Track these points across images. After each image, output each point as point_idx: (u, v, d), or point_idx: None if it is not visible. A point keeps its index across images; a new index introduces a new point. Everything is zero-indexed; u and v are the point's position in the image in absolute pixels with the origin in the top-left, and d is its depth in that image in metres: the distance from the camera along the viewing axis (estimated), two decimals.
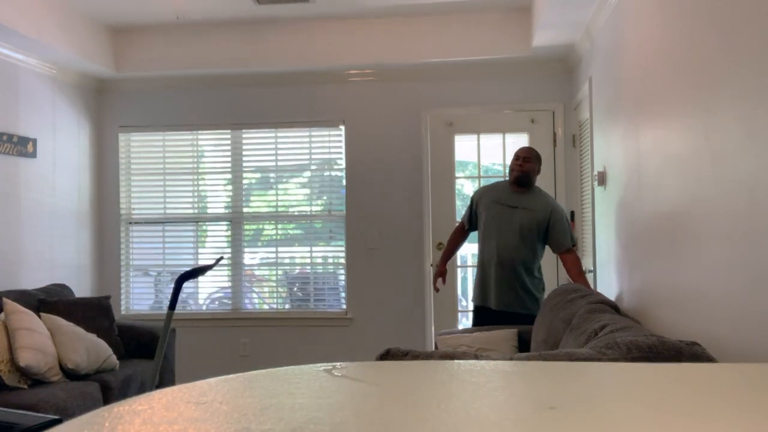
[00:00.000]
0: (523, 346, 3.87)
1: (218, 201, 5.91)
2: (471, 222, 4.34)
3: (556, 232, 4.04)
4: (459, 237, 4.45)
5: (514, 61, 5.40)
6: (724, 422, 0.82)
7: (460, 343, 3.91)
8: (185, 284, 5.98)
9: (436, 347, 4.12)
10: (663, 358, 1.84)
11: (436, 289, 4.52)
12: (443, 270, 4.44)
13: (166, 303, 6.01)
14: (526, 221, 4.04)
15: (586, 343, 2.48)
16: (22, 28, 4.44)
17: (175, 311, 5.86)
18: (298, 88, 5.71)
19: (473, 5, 5.12)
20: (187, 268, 5.95)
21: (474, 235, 4.45)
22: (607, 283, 4.11)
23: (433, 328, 5.51)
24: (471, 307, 4.44)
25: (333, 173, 5.78)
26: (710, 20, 2.31)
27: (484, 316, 4.17)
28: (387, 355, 1.96)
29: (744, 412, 0.87)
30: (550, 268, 5.22)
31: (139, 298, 5.97)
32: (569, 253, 4.07)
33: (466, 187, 6.61)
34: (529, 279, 4.11)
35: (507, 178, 4.28)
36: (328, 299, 5.81)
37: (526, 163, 4.10)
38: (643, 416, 0.84)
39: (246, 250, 5.88)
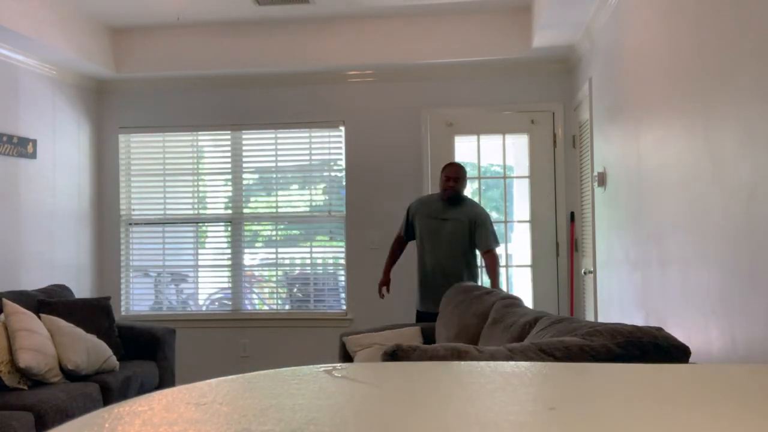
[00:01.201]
0: (427, 341, 4.06)
1: (218, 202, 5.91)
2: (408, 232, 4.73)
3: (479, 235, 4.51)
4: (398, 247, 4.83)
5: (514, 62, 5.40)
6: (725, 423, 0.82)
7: (373, 341, 4.10)
8: (185, 285, 6.00)
9: (344, 348, 4.23)
10: (643, 342, 1.91)
11: (381, 296, 4.83)
12: (387, 279, 4.81)
13: (166, 304, 6.02)
14: (458, 230, 4.52)
15: (523, 334, 2.68)
16: (22, 28, 4.44)
17: (175, 312, 5.90)
18: (298, 89, 5.71)
19: (473, 6, 5.12)
20: (188, 269, 5.97)
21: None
22: (607, 283, 4.11)
23: None
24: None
25: (333, 174, 5.78)
26: (710, 21, 2.31)
27: (427, 320, 4.36)
28: (395, 353, 1.95)
29: (744, 413, 0.86)
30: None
31: (139, 299, 5.97)
32: (488, 253, 4.52)
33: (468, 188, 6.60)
34: (467, 272, 4.53)
35: (439, 192, 4.68)
36: (328, 300, 5.81)
37: (457, 183, 4.56)
38: (643, 417, 0.84)
39: (246, 250, 5.88)
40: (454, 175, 4.59)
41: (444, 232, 4.55)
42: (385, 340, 4.04)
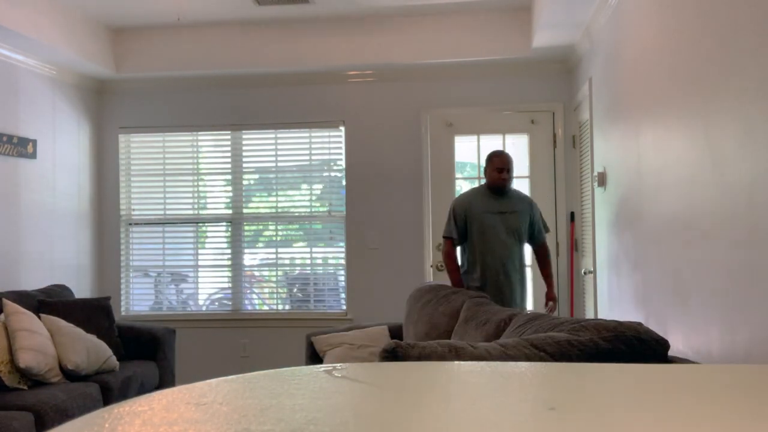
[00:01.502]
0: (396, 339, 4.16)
1: (218, 202, 5.91)
2: (461, 235, 4.25)
3: (538, 227, 4.31)
4: (455, 253, 4.32)
5: (514, 62, 5.40)
6: (725, 423, 0.82)
7: (342, 341, 4.17)
8: (185, 285, 6.00)
9: (311, 348, 4.27)
10: (627, 336, 2.03)
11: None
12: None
13: (166, 304, 6.02)
14: (520, 222, 4.23)
15: (498, 331, 2.92)
16: (22, 28, 4.44)
17: (175, 312, 5.90)
18: (298, 89, 5.71)
19: (473, 6, 5.12)
20: (188, 269, 5.97)
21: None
22: (607, 283, 4.11)
23: None
24: None
25: (333, 174, 5.78)
26: (710, 20, 2.31)
27: None
28: (393, 350, 1.98)
29: (744, 414, 0.86)
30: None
31: (139, 299, 5.97)
32: (544, 245, 4.37)
33: (464, 188, 6.60)
34: (521, 268, 4.31)
35: (482, 183, 4.40)
36: (328, 300, 5.80)
37: (509, 174, 4.23)
38: (643, 417, 0.84)
39: (246, 251, 5.88)
40: (506, 165, 4.23)
41: (506, 227, 4.20)
42: (353, 340, 4.14)
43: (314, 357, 4.24)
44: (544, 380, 1.07)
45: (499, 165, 4.22)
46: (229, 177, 5.86)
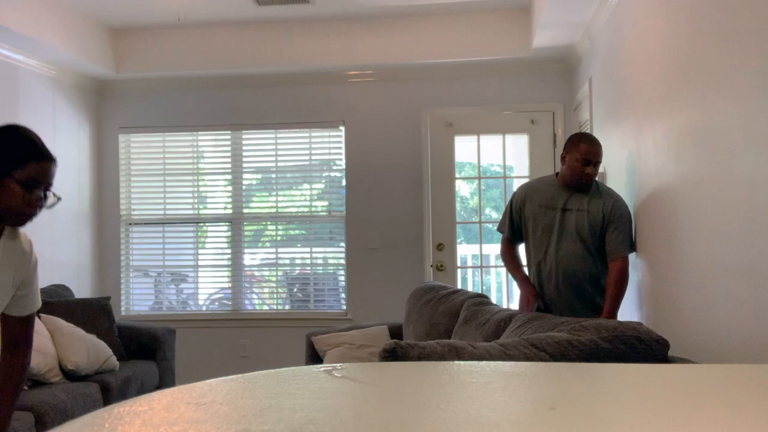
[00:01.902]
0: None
1: (218, 202, 5.91)
2: (514, 232, 3.52)
3: (611, 235, 3.25)
4: (510, 249, 3.58)
5: (514, 62, 5.40)
6: (725, 423, 0.82)
7: (341, 341, 4.16)
8: (185, 285, 6.00)
9: (312, 348, 4.27)
10: (627, 336, 2.05)
11: (540, 308, 3.41)
12: (532, 287, 3.43)
13: (166, 304, 6.02)
14: (585, 224, 3.29)
15: (498, 331, 2.96)
16: (22, 28, 4.44)
17: (175, 312, 5.89)
18: (298, 89, 5.71)
19: (473, 6, 5.12)
20: (188, 269, 5.97)
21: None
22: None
23: None
24: None
25: (333, 174, 5.78)
26: (710, 20, 2.31)
27: None
28: (394, 350, 2.00)
29: (744, 414, 0.86)
30: None
31: (139, 299, 5.97)
32: (615, 261, 3.23)
33: (462, 189, 6.62)
34: (592, 281, 3.32)
35: (555, 174, 3.49)
36: (328, 300, 5.80)
37: (596, 169, 3.30)
38: (643, 417, 0.84)
39: (246, 250, 5.88)
40: (596, 158, 3.27)
41: (566, 227, 3.30)
42: (353, 340, 4.15)
43: (314, 357, 4.25)
44: (544, 380, 1.07)
45: (587, 154, 3.26)
46: (229, 177, 5.86)
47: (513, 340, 2.11)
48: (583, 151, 3.26)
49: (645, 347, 2.03)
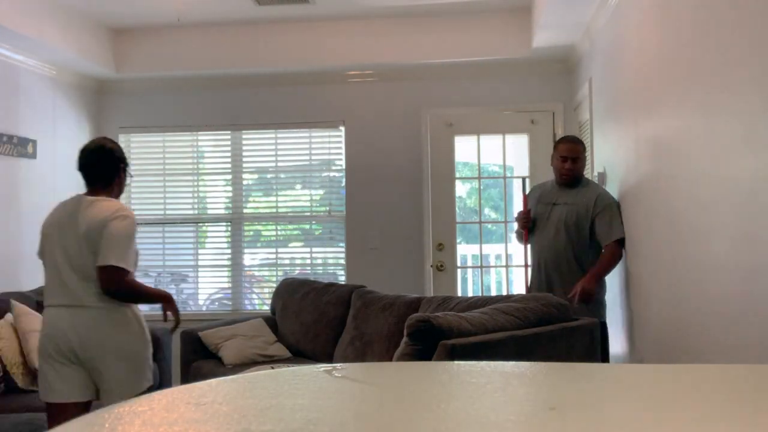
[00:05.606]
0: (273, 330, 4.63)
1: (218, 202, 5.91)
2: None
3: (599, 224, 3.61)
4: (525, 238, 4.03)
5: (514, 62, 5.40)
6: (725, 423, 0.82)
7: (233, 333, 4.45)
8: (185, 285, 5.99)
9: (199, 342, 4.48)
10: (551, 303, 3.08)
11: (525, 226, 3.93)
12: (527, 210, 3.94)
13: None
14: (569, 216, 3.69)
15: (409, 312, 3.57)
16: (22, 28, 4.43)
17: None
18: (298, 89, 5.71)
19: (473, 6, 5.12)
20: (188, 269, 5.96)
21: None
22: (607, 282, 4.11)
23: None
24: None
25: (333, 174, 5.78)
26: (710, 20, 2.31)
27: None
28: (427, 319, 2.62)
29: (745, 414, 0.86)
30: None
31: None
32: (609, 245, 3.61)
33: (462, 189, 6.61)
34: (577, 268, 3.70)
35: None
36: None
37: (575, 165, 3.75)
38: (643, 417, 0.84)
39: (246, 251, 5.88)
40: (572, 154, 3.73)
41: (552, 219, 3.75)
42: (243, 332, 4.48)
43: (205, 351, 4.46)
44: (544, 380, 1.07)
45: (563, 152, 3.76)
46: (229, 177, 5.86)
47: (488, 309, 2.90)
48: (561, 150, 3.81)
49: (563, 309, 3.09)
